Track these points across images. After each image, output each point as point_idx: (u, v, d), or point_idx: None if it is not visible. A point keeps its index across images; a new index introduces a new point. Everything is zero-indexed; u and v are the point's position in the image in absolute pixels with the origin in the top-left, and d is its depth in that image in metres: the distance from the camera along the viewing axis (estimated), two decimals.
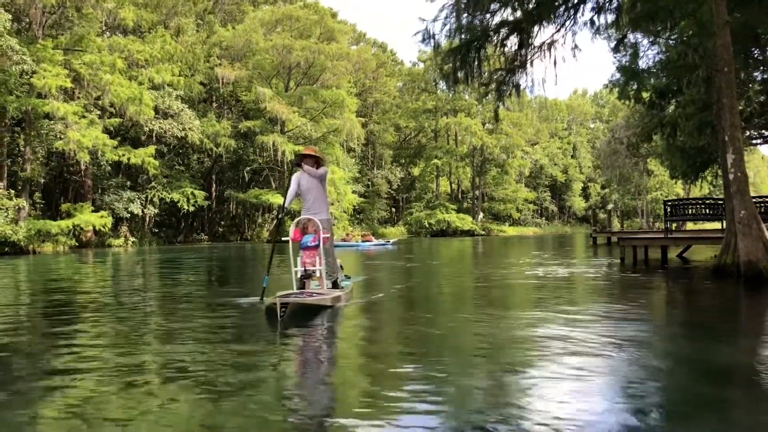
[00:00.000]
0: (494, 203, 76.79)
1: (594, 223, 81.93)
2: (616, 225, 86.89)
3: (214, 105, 50.22)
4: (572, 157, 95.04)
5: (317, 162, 8.16)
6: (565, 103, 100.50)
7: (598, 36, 14.03)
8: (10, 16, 29.28)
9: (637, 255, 15.37)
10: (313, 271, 7.48)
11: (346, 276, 9.31)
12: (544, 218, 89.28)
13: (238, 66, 47.07)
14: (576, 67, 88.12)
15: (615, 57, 17.72)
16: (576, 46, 14.06)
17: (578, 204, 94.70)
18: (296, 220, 7.89)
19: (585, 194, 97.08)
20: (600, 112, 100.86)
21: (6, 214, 28.91)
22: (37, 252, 29.50)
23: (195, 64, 44.58)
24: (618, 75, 17.62)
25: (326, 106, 49.86)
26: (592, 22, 13.69)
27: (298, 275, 7.54)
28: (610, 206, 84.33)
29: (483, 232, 66.99)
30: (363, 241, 35.52)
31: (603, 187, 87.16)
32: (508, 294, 9.38)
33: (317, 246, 7.49)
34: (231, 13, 55.18)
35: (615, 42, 16.13)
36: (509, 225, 76.26)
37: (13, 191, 30.85)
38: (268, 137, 44.91)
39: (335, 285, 8.05)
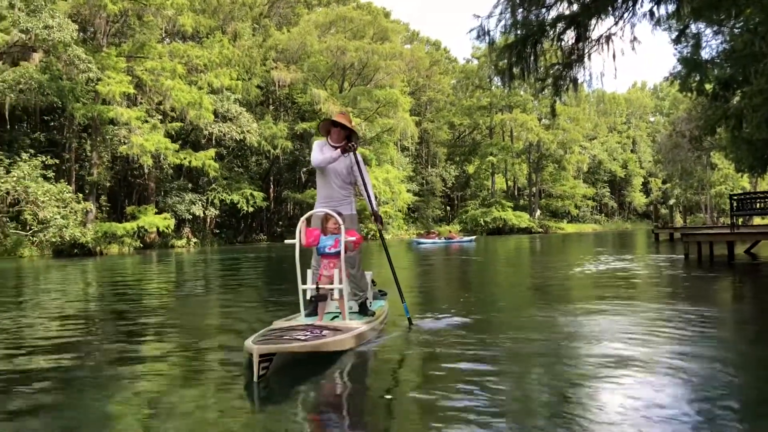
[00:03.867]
0: (552, 200, 75.59)
1: (655, 219, 79.84)
2: (678, 221, 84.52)
3: (271, 108, 51.00)
4: (632, 151, 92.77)
5: (348, 136, 6.11)
6: (624, 97, 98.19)
7: (658, 27, 13.69)
8: (77, 27, 30.41)
9: (701, 251, 14.94)
10: (331, 291, 5.23)
11: (380, 292, 6.95)
12: (603, 215, 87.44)
13: (293, 68, 47.69)
14: (635, 59, 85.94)
15: (676, 48, 17.27)
16: (635, 39, 13.72)
17: (639, 200, 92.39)
18: (309, 213, 5.66)
19: (645, 189, 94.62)
20: (660, 105, 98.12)
21: (75, 217, 30.02)
22: (104, 253, 30.56)
23: (252, 67, 45.38)
24: (679, 67, 17.16)
25: (380, 106, 50.06)
26: (651, 13, 13.36)
27: (309, 295, 5.26)
28: (671, 201, 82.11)
29: (540, 230, 66.08)
30: (447, 239, 37.93)
31: (664, 182, 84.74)
32: (573, 292, 9.27)
33: (338, 254, 5.22)
34: (286, 16, 55.93)
35: (676, 33, 15.72)
36: (567, 222, 74.96)
37: (81, 195, 32.02)
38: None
39: (363, 309, 5.85)
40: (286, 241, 5.76)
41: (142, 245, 34.29)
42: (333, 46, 47.67)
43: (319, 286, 5.21)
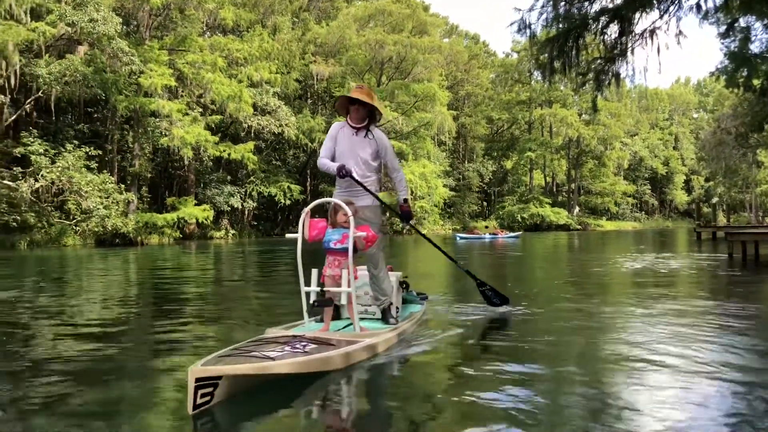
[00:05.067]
0: (591, 197, 74.56)
1: (698, 217, 78.29)
2: (721, 219, 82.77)
3: (309, 101, 51.24)
4: (674, 148, 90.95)
5: (369, 114, 5.26)
6: (667, 93, 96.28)
7: (705, 21, 13.36)
8: (120, 20, 30.94)
9: (746, 251, 14.57)
10: (338, 296, 4.52)
11: (419, 295, 6.40)
12: (643, 212, 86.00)
13: (332, 62, 47.81)
14: (679, 54, 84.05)
15: (723, 43, 16.85)
16: (680, 33, 13.45)
17: (680, 198, 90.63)
18: (315, 202, 4.95)
19: (687, 187, 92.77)
20: (704, 102, 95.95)
21: (117, 207, 30.60)
22: (144, 243, 31.12)
23: (291, 61, 45.62)
24: (726, 61, 16.76)
25: (418, 100, 49.91)
26: (698, 6, 13.06)
27: (311, 299, 4.53)
28: (714, 200, 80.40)
29: (579, 227, 65.28)
30: (491, 234, 38.42)
31: (707, 180, 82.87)
32: (614, 290, 9.13)
33: (346, 250, 4.47)
34: (325, 10, 56.05)
35: (724, 27, 15.33)
36: (606, 219, 73.92)
37: (123, 186, 32.63)
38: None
39: (386, 315, 5.15)
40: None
41: (181, 236, 34.84)
42: (371, 40, 47.64)
43: (324, 288, 4.50)
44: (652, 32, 13.46)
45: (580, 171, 72.78)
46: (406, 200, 5.40)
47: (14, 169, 28.33)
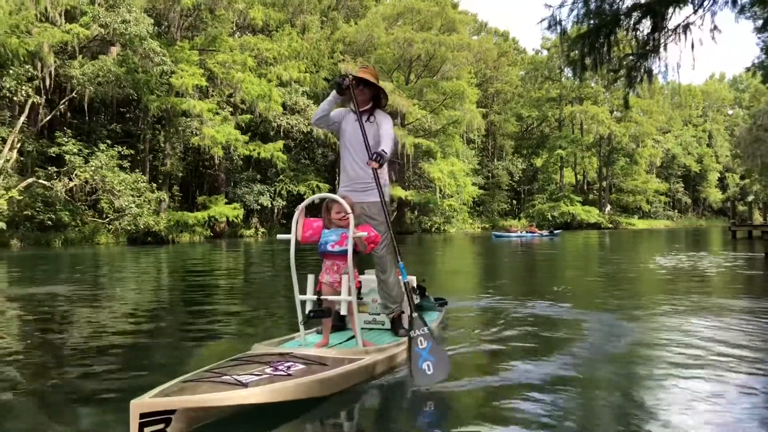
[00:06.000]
0: (622, 195, 73.57)
1: (733, 215, 76.80)
2: (757, 218, 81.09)
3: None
4: (708, 145, 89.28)
5: (375, 98, 4.74)
6: (700, 89, 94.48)
7: (741, 16, 13.08)
8: (152, 21, 31.33)
9: None
10: (337, 305, 3.98)
11: (437, 301, 5.87)
12: (676, 211, 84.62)
13: (360, 61, 47.85)
14: (713, 49, 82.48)
15: (759, 37, 16.53)
16: (715, 27, 13.16)
17: (714, 195, 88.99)
18: (311, 198, 4.34)
19: (722, 185, 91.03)
20: (740, 98, 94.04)
21: (149, 206, 31.01)
22: (175, 242, 31.49)
23: (320, 60, 45.76)
24: (763, 56, 16.41)
25: (446, 98, 49.75)
26: (734, 0, 12.80)
27: (307, 309, 3.95)
28: (750, 198, 78.74)
29: (610, 225, 64.50)
30: (528, 232, 38.16)
31: (742, 178, 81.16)
32: (649, 289, 8.99)
33: (345, 253, 3.91)
34: (354, 8, 56.13)
35: (761, 21, 15.00)
36: (639, 218, 72.93)
37: (154, 184, 33.06)
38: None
39: (396, 326, 4.64)
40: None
41: (212, 234, 35.20)
42: (400, 38, 47.62)
43: (321, 297, 3.94)
44: (686, 27, 13.21)
45: (611, 169, 71.86)
46: (384, 151, 4.30)
47: (49, 168, 28.90)
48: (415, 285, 5.20)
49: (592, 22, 13.06)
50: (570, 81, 65.62)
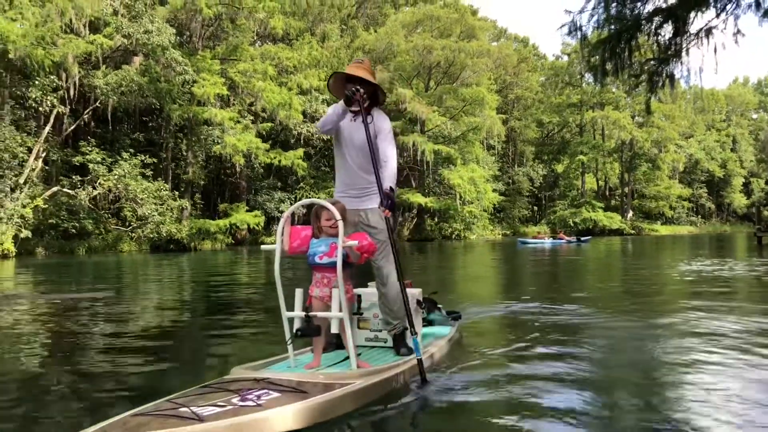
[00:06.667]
0: (645, 200, 72.83)
1: (758, 221, 75.72)
2: None
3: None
4: (732, 150, 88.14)
5: (372, 95, 4.26)
6: (724, 93, 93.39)
7: (765, 20, 12.90)
8: (174, 31, 31.70)
9: None
10: (328, 322, 3.62)
11: (450, 314, 5.41)
12: (699, 216, 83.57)
13: (380, 68, 47.96)
14: (736, 53, 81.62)
15: None
16: (738, 31, 13.02)
17: (739, 201, 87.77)
18: (297, 204, 4.25)
19: (746, 190, 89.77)
20: (764, 102, 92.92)
21: (171, 214, 31.30)
22: (197, 249, 31.73)
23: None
24: None
25: (466, 105, 49.66)
26: (757, 3, 12.63)
27: (295, 327, 3.61)
28: None
29: (633, 232, 63.87)
30: (556, 239, 38.22)
31: None
32: (673, 295, 8.89)
33: (335, 265, 3.55)
34: (373, 17, 56.35)
35: None
36: (661, 224, 72.11)
37: (177, 192, 33.36)
38: (408, 137, 45.48)
39: (398, 343, 4.25)
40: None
41: (233, 241, 35.42)
42: (419, 45, 47.66)
43: (310, 313, 3.58)
44: (708, 32, 13.07)
45: (633, 174, 71.23)
46: (392, 189, 4.08)
47: (74, 177, 29.31)
48: (421, 298, 4.73)
49: (612, 27, 12.98)
50: (591, 86, 65.21)
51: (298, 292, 3.65)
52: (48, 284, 12.35)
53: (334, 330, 3.56)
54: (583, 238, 40.24)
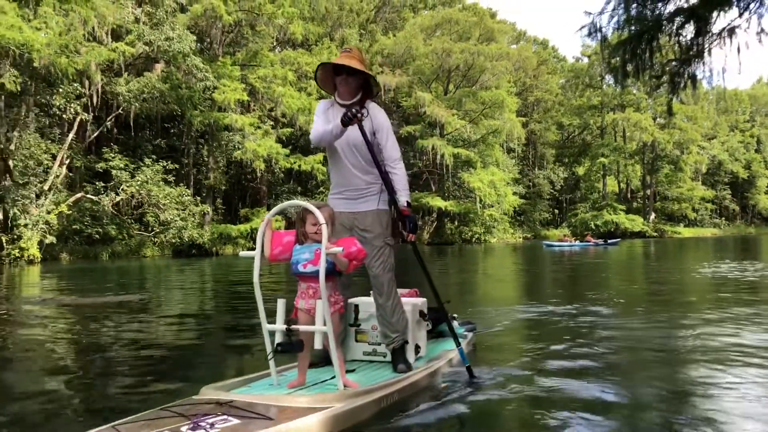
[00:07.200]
0: (667, 203, 72.03)
1: None
2: None
3: None
4: (756, 151, 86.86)
5: (364, 86, 3.99)
6: (747, 93, 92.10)
7: None
8: (195, 37, 32.01)
9: None
10: (312, 336, 3.26)
11: (467, 324, 5.13)
12: (723, 218, 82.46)
13: (398, 72, 48.02)
14: (760, 52, 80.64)
15: None
16: (762, 30, 12.86)
17: (764, 202, 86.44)
18: (279, 206, 3.57)
19: None
20: None
21: (193, 219, 31.56)
22: (219, 254, 31.94)
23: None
24: None
25: (485, 108, 49.52)
26: None
27: (275, 342, 3.26)
28: None
29: (655, 234, 63.21)
30: (584, 242, 38.18)
31: None
32: (701, 298, 8.80)
33: (317, 275, 3.18)
34: (392, 21, 56.45)
35: None
36: (684, 226, 71.25)
37: (198, 198, 33.63)
38: (427, 141, 45.46)
39: (397, 358, 3.84)
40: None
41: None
42: (438, 49, 47.65)
43: (292, 327, 3.24)
44: (731, 31, 12.92)
45: (655, 176, 70.46)
46: (408, 203, 3.91)
47: (97, 183, 29.68)
48: (425, 309, 4.32)
49: (633, 28, 12.90)
50: (611, 88, 64.69)
51: (281, 303, 3.29)
52: (78, 288, 12.50)
53: (316, 345, 3.20)
54: (610, 241, 39.82)
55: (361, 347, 4.05)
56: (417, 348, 4.06)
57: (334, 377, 3.37)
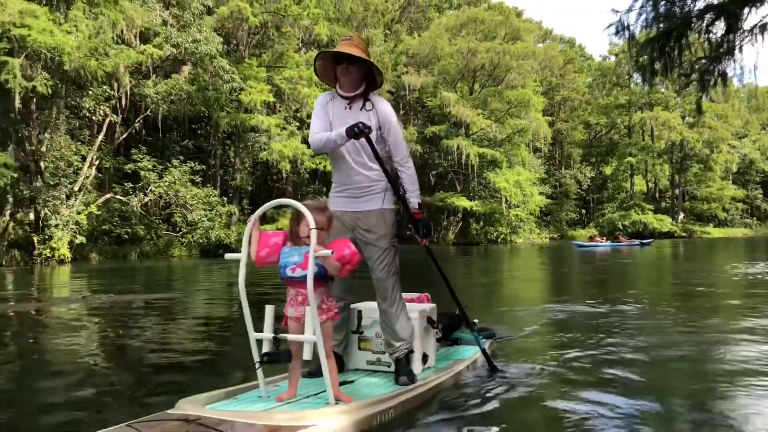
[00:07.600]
0: (696, 202, 70.91)
1: None
2: None
3: (401, 112, 51.54)
4: None
5: (367, 76, 3.68)
6: None
7: None
8: (221, 39, 32.30)
9: None
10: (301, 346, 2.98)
11: (483, 332, 4.64)
12: (755, 218, 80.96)
13: (424, 72, 47.96)
14: None
15: None
16: None
17: None
18: (267, 205, 3.45)
19: None
20: None
21: (220, 219, 31.85)
22: None
23: (383, 73, 46.05)
24: None
25: (511, 107, 49.25)
26: None
27: (263, 351, 3.03)
28: None
29: (684, 234, 62.30)
30: (615, 242, 37.86)
31: None
32: (732, 300, 8.67)
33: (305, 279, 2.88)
34: (417, 21, 56.42)
35: None
36: (714, 226, 70.08)
37: (225, 198, 33.92)
38: (452, 141, 45.35)
39: (401, 369, 3.55)
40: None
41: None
42: (463, 48, 47.50)
43: (279, 336, 3.00)
44: (763, 27, 12.72)
45: (684, 176, 69.41)
46: (420, 205, 3.76)
47: (126, 184, 30.10)
48: (435, 315, 4.04)
49: (661, 25, 12.75)
50: (639, 87, 63.88)
51: (269, 309, 3.04)
52: (116, 286, 12.69)
53: (305, 356, 2.92)
54: (645, 241, 39.34)
55: (364, 356, 3.76)
56: (425, 357, 3.79)
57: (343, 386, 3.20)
